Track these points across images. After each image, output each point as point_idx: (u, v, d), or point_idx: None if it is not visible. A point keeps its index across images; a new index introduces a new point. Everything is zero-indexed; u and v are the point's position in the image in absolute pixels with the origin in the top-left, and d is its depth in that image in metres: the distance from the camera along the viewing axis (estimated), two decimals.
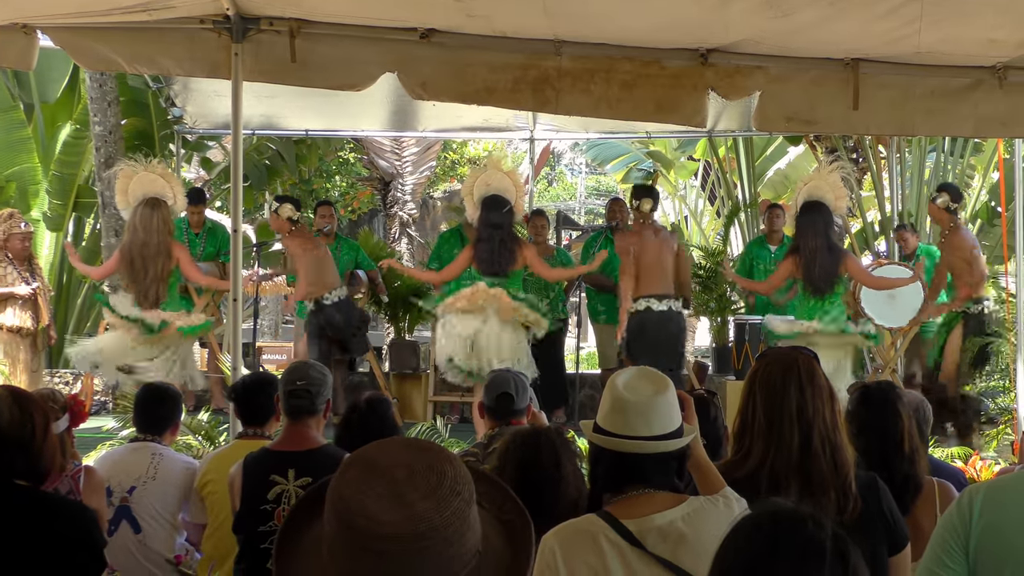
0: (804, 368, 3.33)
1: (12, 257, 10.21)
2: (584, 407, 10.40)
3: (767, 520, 1.96)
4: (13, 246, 10.21)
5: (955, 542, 2.51)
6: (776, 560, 1.88)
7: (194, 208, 10.88)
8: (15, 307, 10.15)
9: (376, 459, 1.79)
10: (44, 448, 3.48)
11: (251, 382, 5.38)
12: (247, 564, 4.45)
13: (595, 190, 36.59)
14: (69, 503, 3.64)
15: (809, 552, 1.87)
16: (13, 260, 10.21)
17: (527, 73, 7.05)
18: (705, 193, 20.17)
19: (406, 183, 19.86)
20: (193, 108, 11.90)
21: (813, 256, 9.05)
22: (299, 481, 4.45)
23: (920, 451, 4.11)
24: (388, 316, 12.10)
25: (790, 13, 6.19)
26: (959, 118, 7.30)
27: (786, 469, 3.26)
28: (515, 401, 5.12)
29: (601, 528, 2.84)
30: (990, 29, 6.38)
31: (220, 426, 8.37)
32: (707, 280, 12.00)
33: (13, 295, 10.08)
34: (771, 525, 1.94)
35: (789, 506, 1.99)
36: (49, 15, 6.92)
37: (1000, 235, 12.25)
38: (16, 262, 10.23)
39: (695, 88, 7.06)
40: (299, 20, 6.88)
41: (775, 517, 1.95)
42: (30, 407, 3.48)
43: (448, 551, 1.73)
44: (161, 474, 5.21)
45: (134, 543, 5.08)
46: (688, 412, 3.07)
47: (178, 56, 7.20)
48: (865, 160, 14.47)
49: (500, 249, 9.09)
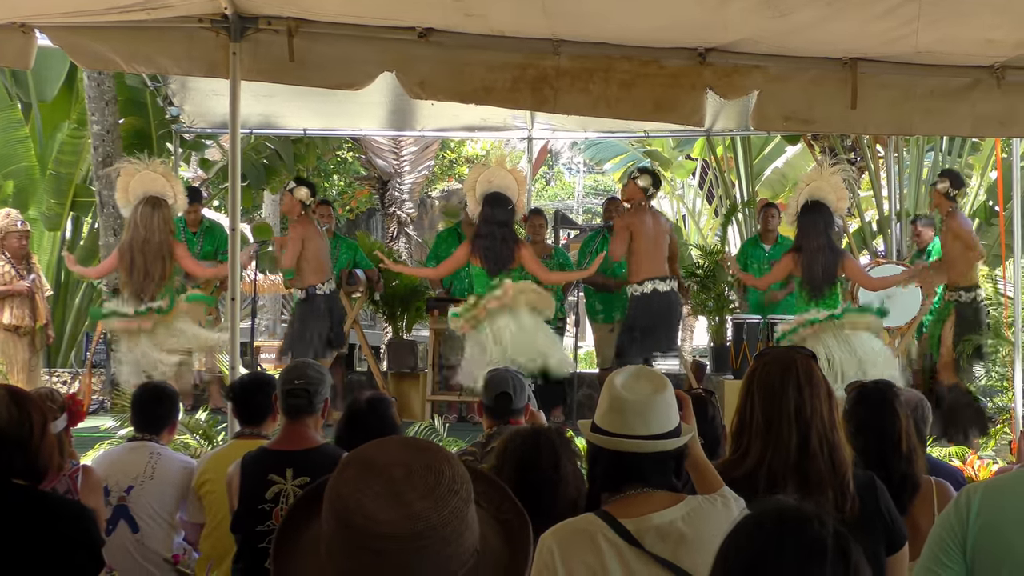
0: (802, 368, 3.33)
1: (10, 256, 10.22)
2: (582, 406, 10.40)
3: (770, 518, 1.96)
4: (10, 244, 10.23)
5: (953, 541, 2.51)
6: (778, 558, 1.88)
7: (191, 207, 10.88)
8: (12, 305, 10.16)
9: (374, 458, 1.79)
10: (42, 447, 3.47)
11: (249, 381, 5.37)
12: (245, 563, 4.44)
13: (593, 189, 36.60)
14: (67, 502, 3.63)
15: (812, 550, 1.87)
16: (11, 259, 10.21)
17: (525, 72, 7.05)
18: (703, 192, 20.18)
19: (404, 182, 19.87)
20: (191, 107, 11.89)
21: (814, 256, 9.07)
22: (297, 480, 4.44)
23: (918, 450, 4.11)
24: (386, 315, 12.10)
25: (788, 13, 6.20)
26: (957, 118, 7.30)
27: (784, 468, 3.26)
28: (513, 400, 5.12)
29: (599, 527, 2.84)
30: (988, 29, 6.38)
31: (218, 425, 8.38)
32: (705, 279, 12.00)
33: (12, 292, 10.09)
34: (774, 523, 1.94)
35: (792, 504, 1.99)
36: (47, 14, 6.91)
37: (998, 234, 12.26)
38: (14, 261, 10.24)
39: (693, 87, 7.06)
40: (297, 19, 6.88)
41: (778, 515, 1.95)
42: (28, 406, 3.47)
43: (446, 550, 1.73)
44: (159, 473, 5.21)
45: (132, 542, 5.08)
46: (686, 411, 3.07)
47: (176, 55, 7.20)
48: (863, 159, 14.47)
49: (501, 246, 9.06)
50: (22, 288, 10.15)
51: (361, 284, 10.90)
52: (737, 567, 1.94)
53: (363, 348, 11.36)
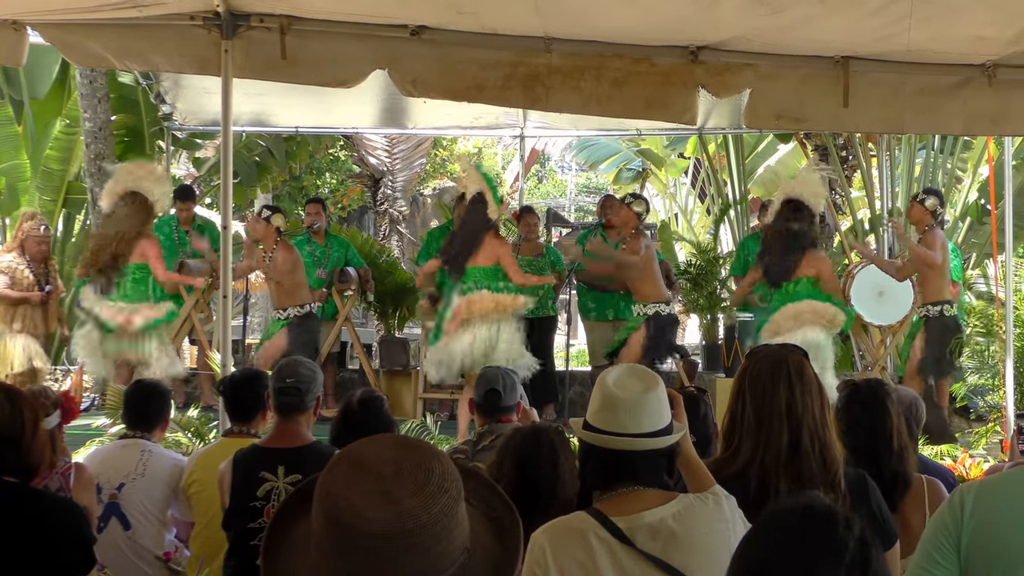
0: (794, 365, 3.34)
1: (30, 259, 10.28)
2: (574, 404, 10.41)
3: (796, 515, 1.95)
4: (30, 247, 10.34)
5: (947, 540, 2.51)
6: (793, 556, 1.87)
7: (183, 205, 10.90)
8: (24, 314, 10.25)
9: (364, 456, 1.79)
10: (34, 444, 3.47)
11: (240, 377, 5.38)
12: (236, 560, 4.45)
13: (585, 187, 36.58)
14: (59, 499, 3.63)
15: (830, 552, 1.86)
16: (31, 263, 10.28)
17: (517, 70, 7.04)
18: (695, 190, 20.18)
19: (396, 180, 19.82)
20: (183, 105, 11.87)
21: (768, 248, 9.22)
22: (289, 478, 4.45)
23: (909, 448, 4.12)
24: (378, 313, 12.10)
25: (780, 11, 6.19)
26: (949, 116, 7.30)
27: (775, 466, 3.26)
28: (503, 398, 5.12)
29: (591, 525, 2.84)
30: (979, 26, 6.38)
31: (210, 423, 8.36)
32: (697, 277, 12.00)
33: (27, 300, 10.19)
34: (798, 520, 1.93)
35: (823, 503, 1.96)
36: (39, 11, 6.89)
37: (989, 233, 12.27)
38: (33, 264, 10.29)
39: (685, 85, 7.06)
40: (289, 17, 6.87)
41: (804, 513, 1.94)
42: (20, 403, 3.48)
43: (436, 548, 1.73)
44: (150, 471, 5.21)
45: (124, 540, 5.08)
46: (677, 410, 3.07)
47: (168, 52, 7.19)
48: (855, 158, 14.48)
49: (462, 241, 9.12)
50: (37, 298, 10.25)
51: (353, 282, 10.89)
52: (754, 557, 1.94)
53: (355, 346, 11.36)
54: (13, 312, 10.14)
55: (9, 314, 10.13)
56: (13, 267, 10.24)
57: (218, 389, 5.58)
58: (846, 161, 14.59)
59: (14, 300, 10.15)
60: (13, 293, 10.15)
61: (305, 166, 18.74)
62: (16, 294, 10.14)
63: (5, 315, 10.13)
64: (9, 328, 10.04)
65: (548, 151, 25.15)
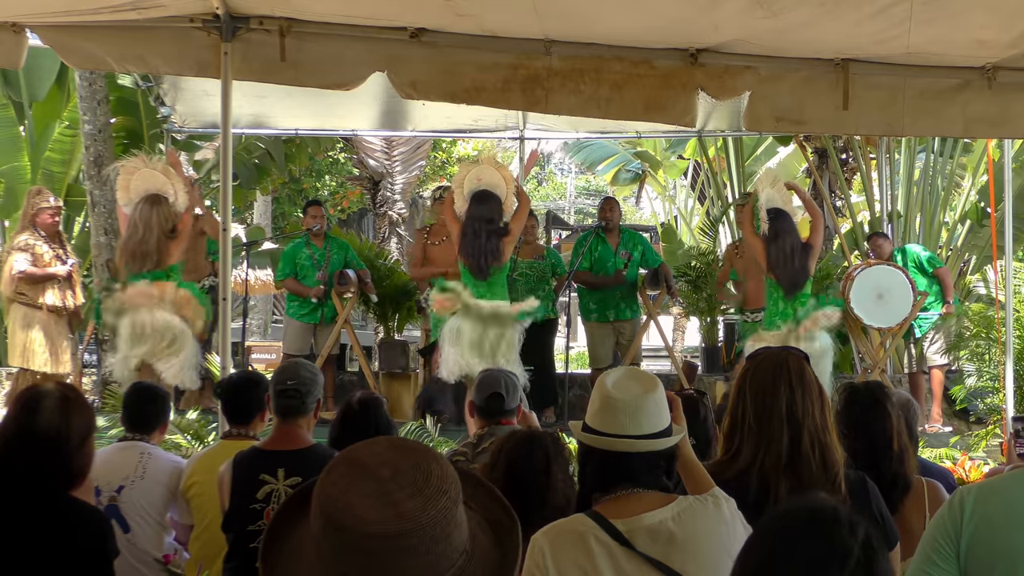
0: (794, 368, 3.34)
1: (43, 233, 10.28)
2: (574, 407, 10.39)
3: (799, 516, 1.93)
4: (43, 221, 10.30)
5: (946, 542, 2.51)
6: (794, 557, 1.87)
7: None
8: (54, 287, 10.28)
9: (362, 458, 1.78)
10: (78, 454, 3.43)
11: (238, 380, 5.39)
12: (236, 563, 4.44)
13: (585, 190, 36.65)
14: (92, 512, 3.56)
15: (832, 555, 1.83)
16: (47, 238, 10.28)
17: (517, 73, 7.05)
18: (695, 193, 20.19)
19: (396, 182, 19.80)
20: (182, 107, 11.86)
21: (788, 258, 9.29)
22: (289, 480, 4.45)
23: (909, 450, 4.12)
24: (377, 316, 12.09)
25: (780, 13, 6.20)
26: (948, 119, 7.30)
27: (775, 469, 3.26)
28: (505, 401, 5.11)
29: (590, 528, 2.84)
30: (979, 29, 6.39)
31: (209, 425, 8.36)
32: (697, 280, 12.00)
33: (52, 276, 10.21)
34: (802, 521, 1.92)
35: (830, 505, 1.94)
36: (38, 13, 6.89)
37: (989, 236, 12.27)
38: (48, 239, 10.29)
39: (684, 88, 7.06)
40: (289, 19, 6.87)
41: (809, 514, 1.92)
42: (70, 410, 3.43)
43: (435, 550, 1.73)
44: (149, 473, 5.20)
45: (123, 542, 5.04)
46: (676, 412, 3.07)
47: (167, 55, 7.19)
48: (855, 160, 14.48)
49: (486, 243, 8.95)
50: (62, 273, 10.27)
51: (352, 284, 10.87)
52: (757, 559, 1.94)
53: (354, 348, 11.34)
54: (43, 289, 10.19)
55: (38, 292, 10.18)
56: (31, 244, 10.23)
57: (216, 392, 5.57)
58: (846, 164, 14.59)
59: (39, 278, 10.17)
60: (37, 271, 10.16)
61: (304, 168, 18.77)
62: (40, 271, 10.16)
63: (33, 293, 10.18)
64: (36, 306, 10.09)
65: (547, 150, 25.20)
